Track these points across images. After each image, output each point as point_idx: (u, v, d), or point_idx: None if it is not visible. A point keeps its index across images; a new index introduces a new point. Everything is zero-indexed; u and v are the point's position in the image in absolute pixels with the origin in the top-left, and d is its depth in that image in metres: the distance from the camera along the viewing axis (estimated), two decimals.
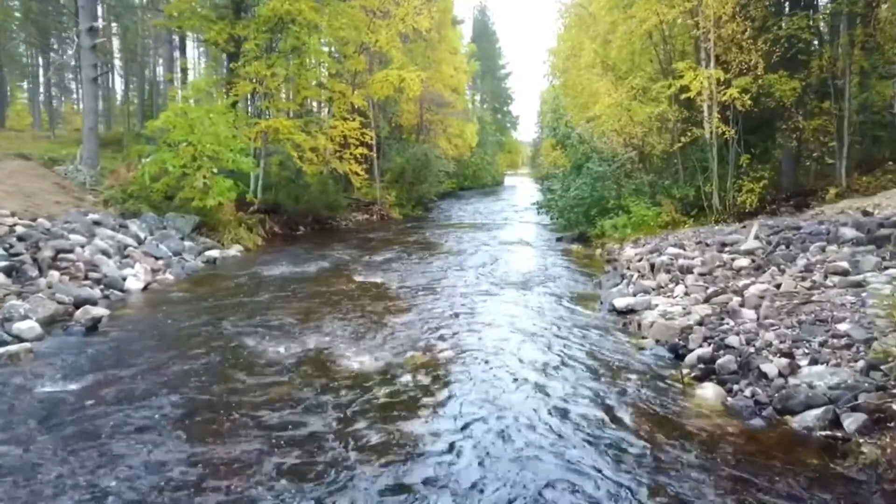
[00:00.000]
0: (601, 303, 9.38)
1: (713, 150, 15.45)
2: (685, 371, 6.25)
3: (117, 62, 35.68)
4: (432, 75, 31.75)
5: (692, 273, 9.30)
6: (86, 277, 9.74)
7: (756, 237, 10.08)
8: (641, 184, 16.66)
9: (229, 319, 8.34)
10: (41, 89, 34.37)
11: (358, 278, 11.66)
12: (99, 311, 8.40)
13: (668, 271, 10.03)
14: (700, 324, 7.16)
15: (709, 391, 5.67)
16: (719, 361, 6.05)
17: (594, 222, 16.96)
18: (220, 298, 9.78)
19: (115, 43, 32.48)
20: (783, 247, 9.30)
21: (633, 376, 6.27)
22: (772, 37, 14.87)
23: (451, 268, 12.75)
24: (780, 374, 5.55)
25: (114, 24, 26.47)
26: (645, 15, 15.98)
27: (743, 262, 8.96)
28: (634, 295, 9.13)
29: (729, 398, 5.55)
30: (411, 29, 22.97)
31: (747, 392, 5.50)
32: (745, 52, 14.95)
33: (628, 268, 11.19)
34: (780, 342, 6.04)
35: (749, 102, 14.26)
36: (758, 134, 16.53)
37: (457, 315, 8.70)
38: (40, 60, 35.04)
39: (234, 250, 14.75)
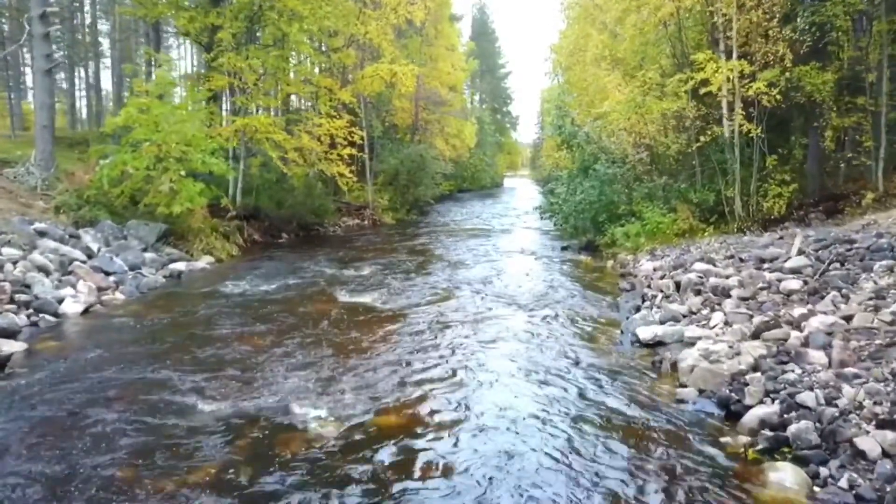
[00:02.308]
0: (622, 332, 7.87)
1: (735, 150, 13.97)
2: (745, 440, 4.74)
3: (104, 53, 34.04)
4: (428, 72, 30.27)
5: (730, 297, 7.80)
6: (11, 300, 8.22)
7: (800, 251, 8.58)
8: (655, 187, 15.15)
9: (169, 359, 6.82)
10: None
11: (339, 297, 10.14)
12: (12, 346, 6.90)
13: (697, 292, 8.54)
14: (755, 368, 5.66)
15: (786, 475, 4.17)
16: (793, 428, 4.55)
17: (603, 229, 15.46)
18: (169, 327, 8.26)
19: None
20: (837, 265, 7.80)
21: (675, 443, 4.78)
22: (801, 24, 13.37)
23: (445, 285, 11.24)
24: (885, 454, 4.06)
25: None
26: (660, 1, 14.50)
27: (792, 283, 7.46)
28: (662, 323, 7.63)
29: (816, 487, 4.05)
30: (404, 20, 21.49)
31: (842, 480, 4.00)
32: (771, 41, 13.47)
33: (649, 286, 9.68)
34: (875, 403, 4.55)
35: (779, 97, 12.78)
36: (775, 132, 15.03)
37: (448, 353, 7.17)
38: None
39: (204, 262, 13.23)
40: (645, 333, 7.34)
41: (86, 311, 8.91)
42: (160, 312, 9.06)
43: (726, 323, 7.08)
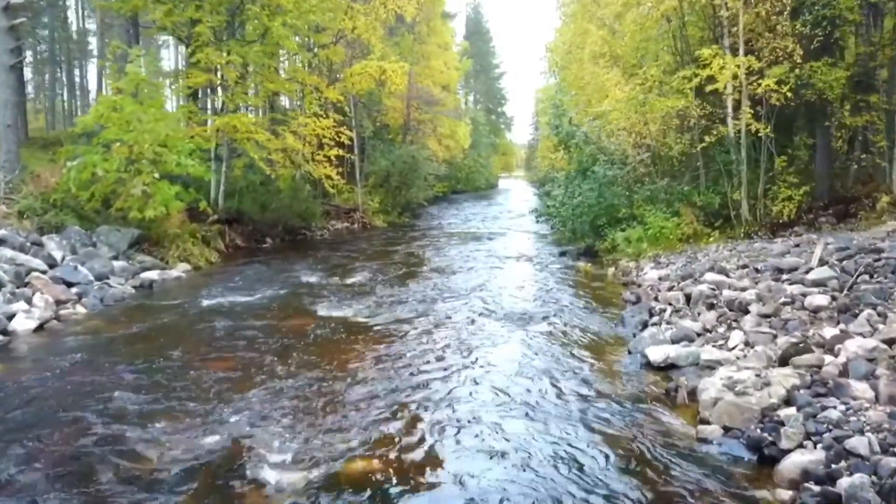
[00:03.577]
0: (629, 352, 7.10)
1: (742, 150, 13.25)
2: (786, 496, 3.98)
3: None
4: (421, 70, 29.49)
5: (748, 312, 7.06)
6: None
7: (822, 261, 7.85)
8: (657, 190, 14.41)
9: (121, 386, 6.02)
10: None
11: (320, 311, 9.34)
12: None
13: (711, 306, 7.79)
14: (789, 402, 4.91)
15: None
16: (845, 484, 3.78)
17: (603, 234, 14.72)
18: (127, 346, 7.45)
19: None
20: (866, 277, 7.07)
21: (700, 496, 4.03)
22: (809, 18, 12.63)
23: (435, 295, 10.46)
24: None
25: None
26: None
27: (818, 298, 6.71)
28: (674, 342, 6.88)
29: None
30: (393, 15, 20.69)
31: None
32: (779, 36, 12.75)
33: (656, 298, 8.92)
34: None
35: (789, 94, 12.06)
36: (778, 132, 14.31)
37: (434, 382, 6.38)
38: None
39: (180, 270, 12.41)
40: (655, 355, 6.58)
41: (40, 328, 8.10)
42: (122, 328, 8.26)
43: (747, 343, 6.33)
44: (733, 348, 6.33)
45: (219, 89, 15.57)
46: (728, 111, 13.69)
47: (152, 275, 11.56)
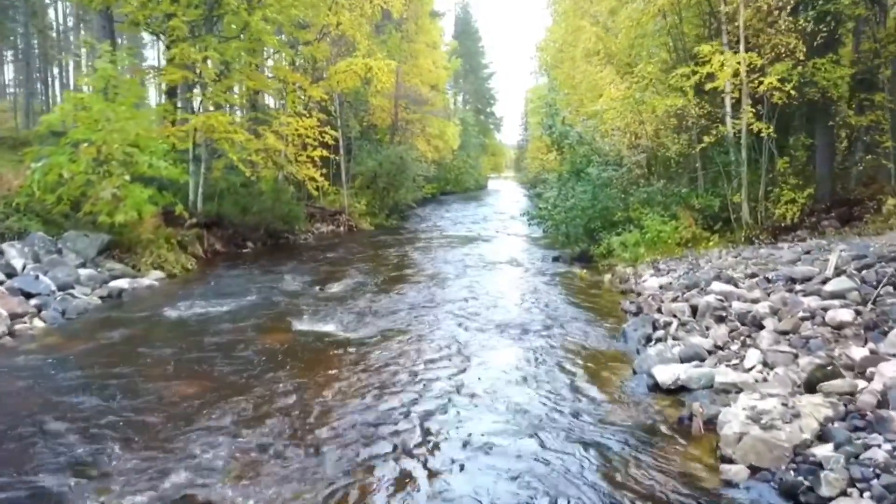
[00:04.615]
0: (634, 371, 6.50)
1: (743, 151, 12.73)
2: None
3: None
4: (409, 69, 28.85)
5: (763, 327, 6.49)
6: None
7: (839, 271, 7.29)
8: (654, 192, 13.85)
9: (69, 415, 5.34)
10: None
11: (299, 325, 8.66)
12: None
13: (720, 319, 7.22)
14: (824, 438, 4.32)
15: None
16: None
17: (597, 238, 14.14)
18: (84, 366, 6.75)
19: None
20: (891, 288, 6.50)
21: None
22: (814, 14, 12.11)
23: (423, 305, 9.81)
24: None
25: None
26: None
27: (841, 313, 6.12)
28: (683, 361, 6.29)
29: None
30: (380, 11, 20.03)
31: None
32: (783, 32, 12.21)
33: (659, 309, 8.33)
34: None
35: (793, 93, 11.53)
36: (776, 132, 13.78)
37: (418, 408, 5.75)
38: None
39: (152, 278, 11.70)
40: (664, 375, 5.98)
41: None
42: (81, 345, 7.57)
43: (765, 364, 5.75)
44: (750, 369, 5.73)
45: (197, 87, 14.82)
46: (727, 110, 13.18)
47: (122, 283, 10.85)
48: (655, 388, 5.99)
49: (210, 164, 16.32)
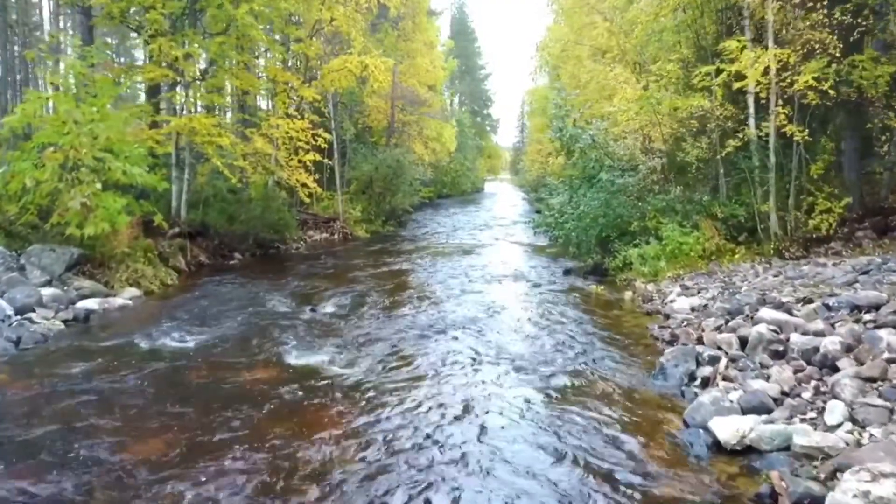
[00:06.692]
0: (686, 423, 5.44)
1: (771, 156, 11.73)
2: None
3: None
4: (406, 69, 27.82)
5: (837, 369, 5.45)
6: None
7: None
8: (672, 200, 12.83)
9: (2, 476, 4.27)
10: None
11: (287, 357, 7.54)
12: None
13: (776, 354, 6.18)
14: None
15: None
16: None
17: (611, 249, 13.11)
18: (29, 416, 5.62)
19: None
20: None
21: None
22: (851, 7, 11.12)
23: (424, 331, 8.73)
24: None
25: None
26: None
27: None
28: (745, 411, 5.23)
29: None
30: (375, 5, 18.97)
31: None
32: (816, 26, 11.21)
33: (700, 339, 7.28)
34: None
35: (832, 92, 10.53)
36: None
37: (418, 475, 4.70)
38: None
39: (127, 297, 10.60)
40: (725, 432, 4.94)
41: None
42: (30, 384, 6.46)
43: (854, 421, 4.71)
44: (836, 427, 4.70)
45: (178, 87, 13.73)
46: (750, 111, 12.18)
47: (90, 304, 9.76)
48: (715, 446, 4.94)
49: (195, 169, 15.24)
